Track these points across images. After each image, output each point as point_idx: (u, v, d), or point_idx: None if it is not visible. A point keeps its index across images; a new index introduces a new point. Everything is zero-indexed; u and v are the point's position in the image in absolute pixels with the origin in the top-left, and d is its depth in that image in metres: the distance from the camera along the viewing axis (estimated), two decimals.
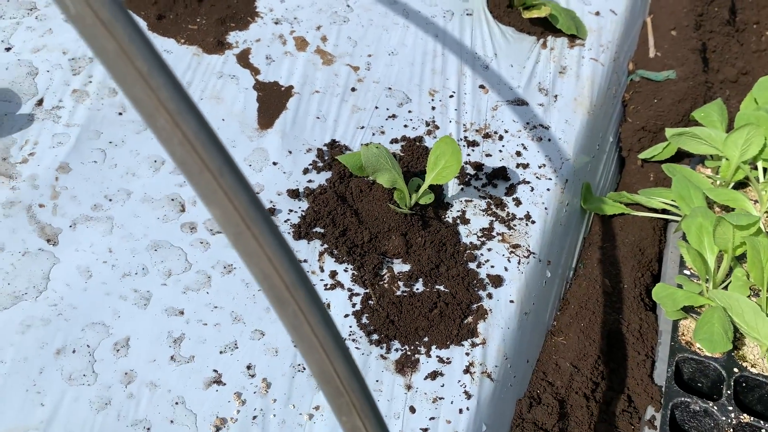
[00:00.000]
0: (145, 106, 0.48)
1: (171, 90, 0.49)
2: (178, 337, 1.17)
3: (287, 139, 1.50)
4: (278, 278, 0.55)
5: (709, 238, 1.37)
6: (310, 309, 0.56)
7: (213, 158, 0.50)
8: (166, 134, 0.49)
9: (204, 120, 0.51)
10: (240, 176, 0.52)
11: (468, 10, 1.87)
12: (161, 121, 0.49)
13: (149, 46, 0.48)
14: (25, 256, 1.21)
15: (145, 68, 0.48)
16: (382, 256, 1.34)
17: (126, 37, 0.47)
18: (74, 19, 0.47)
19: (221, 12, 1.70)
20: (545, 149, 1.60)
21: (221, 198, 0.52)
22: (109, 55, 0.47)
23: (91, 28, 0.47)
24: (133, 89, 0.48)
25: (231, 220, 0.53)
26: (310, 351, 0.58)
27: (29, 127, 1.39)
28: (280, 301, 0.56)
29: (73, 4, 0.47)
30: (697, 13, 2.30)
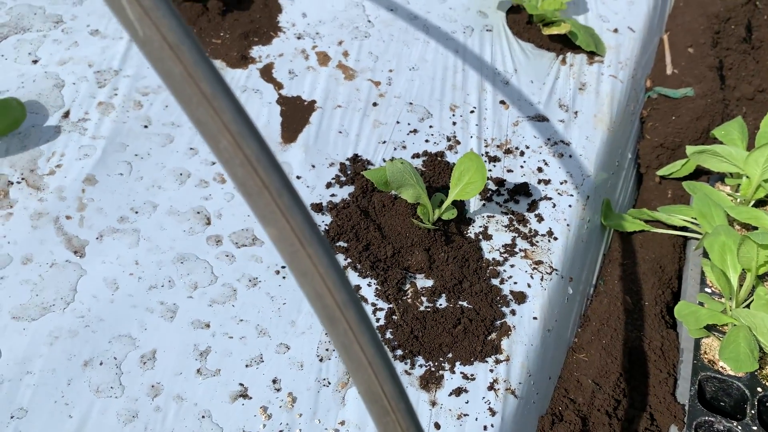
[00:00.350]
0: (209, 128, 0.49)
1: (234, 113, 0.49)
2: (204, 350, 1.17)
3: (310, 153, 1.51)
4: (330, 298, 0.55)
5: (732, 256, 1.37)
6: (360, 329, 0.56)
7: (272, 180, 0.51)
8: (228, 155, 0.50)
9: (264, 143, 0.51)
10: (297, 197, 0.53)
11: (488, 26, 1.88)
12: (224, 142, 0.50)
13: (214, 70, 0.49)
14: (53, 267, 1.22)
15: (209, 91, 0.48)
16: (405, 271, 1.35)
17: (192, 60, 0.48)
18: (142, 42, 0.48)
19: (244, 27, 1.71)
20: (566, 165, 1.60)
21: (279, 218, 0.52)
22: (176, 78, 0.48)
23: (159, 51, 0.48)
24: (197, 111, 0.49)
25: (287, 240, 0.53)
26: (358, 370, 0.58)
27: (56, 139, 1.41)
28: (332, 320, 0.56)
29: (141, 28, 0.48)
30: (714, 30, 2.31)
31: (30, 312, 1.16)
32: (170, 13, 0.48)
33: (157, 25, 0.47)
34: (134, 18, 0.47)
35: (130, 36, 0.48)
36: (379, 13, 1.86)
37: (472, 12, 1.91)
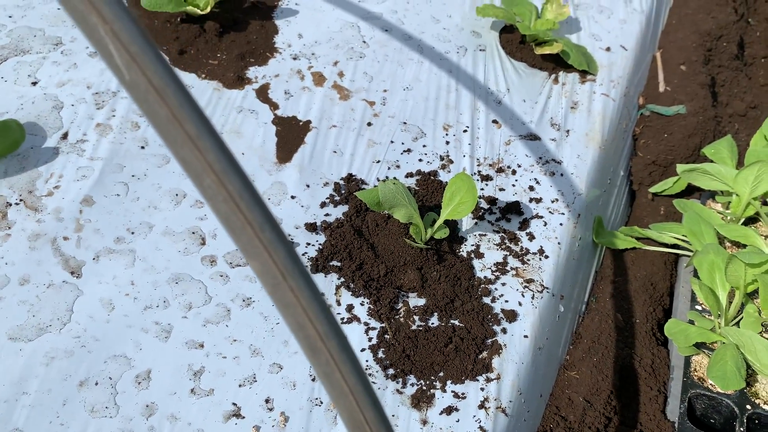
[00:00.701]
0: (193, 167, 0.51)
1: (218, 152, 0.52)
2: (198, 370, 1.19)
3: (305, 173, 1.53)
4: (312, 329, 0.57)
5: (721, 274, 1.39)
6: (341, 358, 0.58)
7: (255, 215, 0.53)
8: (212, 192, 0.52)
9: (247, 180, 0.53)
10: (279, 232, 0.55)
11: (481, 45, 1.91)
12: (208, 180, 0.52)
13: (198, 111, 0.51)
14: (50, 288, 1.24)
15: (194, 132, 0.51)
16: (397, 290, 1.37)
17: (177, 102, 0.50)
18: (129, 85, 0.50)
19: (241, 47, 1.74)
20: (558, 184, 1.62)
21: (261, 252, 0.54)
22: (161, 119, 0.50)
23: (145, 94, 0.50)
24: (183, 151, 0.51)
25: (269, 273, 0.55)
26: (340, 398, 0.60)
27: (54, 161, 1.43)
28: (314, 350, 0.58)
29: (128, 72, 0.50)
30: (706, 48, 2.34)
31: (27, 333, 1.17)
32: (156, 59, 0.50)
33: (143, 70, 0.49)
34: (121, 63, 0.49)
35: (118, 80, 0.50)
36: (374, 34, 1.88)
37: (466, 32, 1.94)
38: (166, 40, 1.72)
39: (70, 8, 0.48)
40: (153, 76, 0.50)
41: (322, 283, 1.34)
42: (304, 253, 1.38)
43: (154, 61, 0.50)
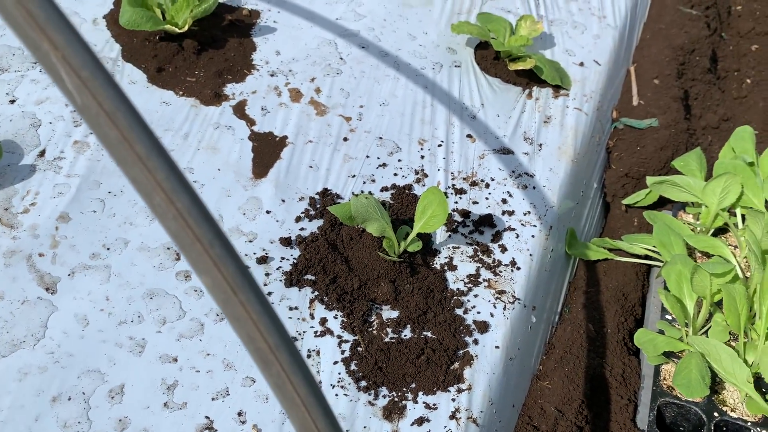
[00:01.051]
0: (143, 186, 0.53)
1: (167, 171, 0.54)
2: (171, 384, 1.20)
3: (281, 188, 1.55)
4: (263, 341, 0.59)
5: (688, 285, 1.41)
6: (292, 369, 0.60)
7: (204, 231, 0.55)
8: (162, 210, 0.54)
9: (196, 196, 0.56)
10: (229, 247, 0.57)
11: (456, 62, 1.95)
12: (157, 199, 0.54)
13: (148, 131, 0.53)
14: (24, 304, 1.25)
15: (143, 152, 0.53)
16: (371, 302, 1.39)
17: (127, 125, 0.52)
18: (80, 109, 0.52)
19: (219, 65, 1.76)
20: (530, 197, 1.65)
21: (211, 268, 0.56)
22: (112, 141, 0.52)
23: (96, 118, 0.52)
24: (133, 171, 0.53)
25: (220, 288, 0.57)
26: (292, 408, 0.62)
27: (31, 178, 1.44)
28: (265, 362, 0.60)
29: (79, 96, 0.52)
30: (679, 62, 2.38)
31: (0, 349, 1.18)
32: (106, 83, 0.52)
33: (94, 94, 0.51)
34: (72, 88, 0.51)
35: (71, 103, 0.52)
36: (351, 51, 1.92)
37: (442, 49, 1.98)
38: (145, 58, 1.74)
39: (23, 36, 0.50)
40: (103, 100, 0.52)
41: (296, 297, 1.36)
42: (278, 267, 1.40)
43: (105, 85, 0.52)
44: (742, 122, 2.40)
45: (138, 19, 1.69)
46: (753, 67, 2.65)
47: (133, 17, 1.69)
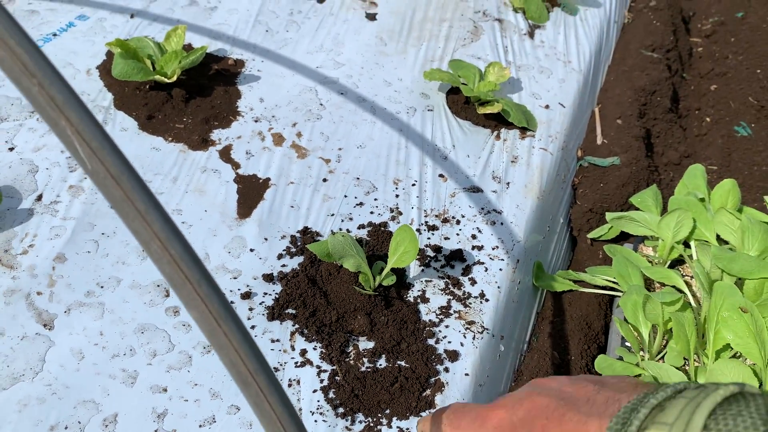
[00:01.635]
0: (143, 236, 0.64)
1: (162, 223, 0.64)
2: (161, 413, 1.29)
3: (264, 227, 1.66)
4: (243, 366, 0.69)
5: (643, 313, 1.52)
6: (269, 390, 0.70)
7: (193, 273, 0.66)
8: (158, 256, 0.65)
9: (187, 244, 0.66)
10: (214, 286, 0.67)
11: (429, 106, 2.08)
12: (154, 246, 0.64)
13: (147, 191, 0.64)
14: (24, 340, 1.34)
15: (143, 208, 0.64)
16: (348, 334, 1.48)
17: (130, 186, 0.63)
18: (91, 173, 0.63)
19: (206, 112, 1.88)
20: (498, 232, 1.77)
21: (199, 303, 0.67)
22: (117, 199, 0.63)
23: (104, 180, 0.63)
24: (134, 224, 0.64)
25: (206, 320, 0.67)
26: (269, 424, 0.72)
27: (29, 221, 1.54)
28: (246, 384, 0.70)
29: (90, 162, 0.63)
30: (641, 102, 2.54)
31: (1, 382, 1.27)
32: (113, 151, 0.63)
33: (102, 161, 0.62)
34: (84, 156, 0.62)
35: (82, 168, 0.63)
36: (330, 97, 2.04)
37: (416, 94, 2.11)
38: (136, 106, 1.86)
39: (45, 115, 0.61)
40: (110, 165, 0.63)
41: (278, 330, 1.46)
42: (261, 302, 1.50)
43: (111, 153, 0.63)
44: (702, 158, 2.55)
45: (129, 70, 1.81)
46: (712, 106, 2.81)
47: (125, 68, 1.81)
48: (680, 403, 0.61)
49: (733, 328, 1.40)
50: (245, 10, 2.28)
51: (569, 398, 0.76)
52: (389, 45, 2.28)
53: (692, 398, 0.61)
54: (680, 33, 3.10)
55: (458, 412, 0.96)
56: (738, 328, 1.40)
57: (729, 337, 1.40)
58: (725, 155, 2.57)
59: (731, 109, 2.76)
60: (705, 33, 3.21)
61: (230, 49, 2.12)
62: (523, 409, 0.80)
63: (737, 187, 1.80)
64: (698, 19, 3.31)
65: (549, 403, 0.77)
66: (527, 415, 0.79)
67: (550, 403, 0.77)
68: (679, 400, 0.62)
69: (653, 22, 2.99)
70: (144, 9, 2.20)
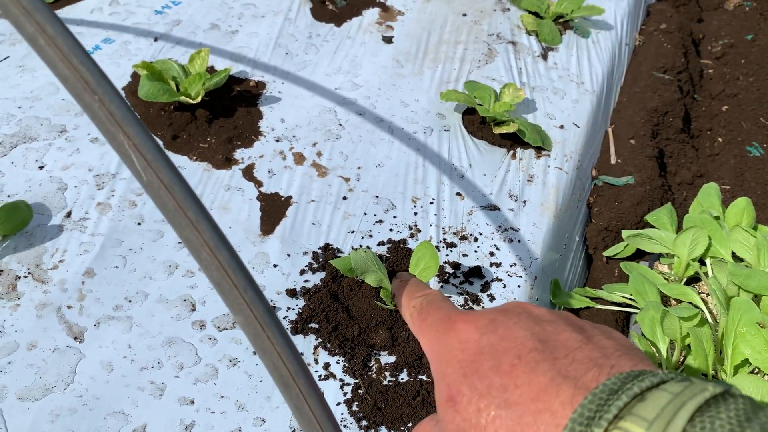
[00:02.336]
0: (193, 245, 0.68)
1: (211, 232, 0.68)
2: (189, 424, 1.31)
3: (286, 243, 1.69)
4: (285, 369, 0.72)
5: (660, 329, 1.54)
6: (309, 392, 0.73)
7: (239, 279, 0.69)
8: (207, 263, 0.68)
9: (234, 252, 0.70)
10: (259, 292, 0.71)
11: (445, 126, 2.12)
12: (204, 254, 0.68)
13: (197, 200, 0.68)
14: (55, 352, 1.37)
15: (194, 217, 0.67)
16: (370, 348, 1.51)
17: (182, 196, 0.67)
18: (146, 184, 0.67)
19: (229, 132, 1.93)
20: (515, 249, 1.80)
21: (245, 308, 0.70)
22: (169, 209, 0.67)
23: (158, 190, 0.67)
24: (185, 232, 0.67)
25: (251, 325, 0.71)
26: (308, 426, 0.74)
27: (59, 237, 1.58)
28: (286, 387, 0.73)
29: (145, 174, 0.67)
30: (654, 123, 2.57)
31: (34, 393, 1.30)
32: (166, 163, 0.67)
33: (156, 172, 0.66)
34: (140, 168, 0.66)
35: (137, 180, 0.67)
36: (349, 117, 2.09)
37: (432, 114, 2.15)
38: (161, 127, 1.91)
39: (104, 130, 0.65)
40: (163, 176, 0.67)
41: (302, 344, 1.48)
42: (285, 317, 1.53)
43: (165, 165, 0.67)
44: (715, 178, 2.57)
45: (155, 92, 1.86)
46: (724, 126, 2.84)
47: (150, 90, 1.86)
48: (663, 397, 0.55)
49: (751, 343, 1.42)
50: (265, 33, 2.34)
51: (548, 342, 0.64)
52: (406, 67, 2.33)
53: (676, 395, 0.55)
54: (691, 55, 3.14)
55: (432, 303, 0.84)
56: (756, 343, 1.41)
57: (747, 352, 1.42)
58: (738, 175, 2.59)
59: (743, 130, 2.79)
60: (715, 55, 3.25)
61: (251, 71, 2.18)
62: (496, 335, 0.68)
63: (752, 205, 1.82)
64: (708, 42, 3.36)
65: (525, 340, 0.65)
66: (499, 343, 0.66)
67: (526, 341, 0.65)
68: (662, 393, 0.56)
69: (664, 44, 3.04)
70: (167, 32, 2.26)
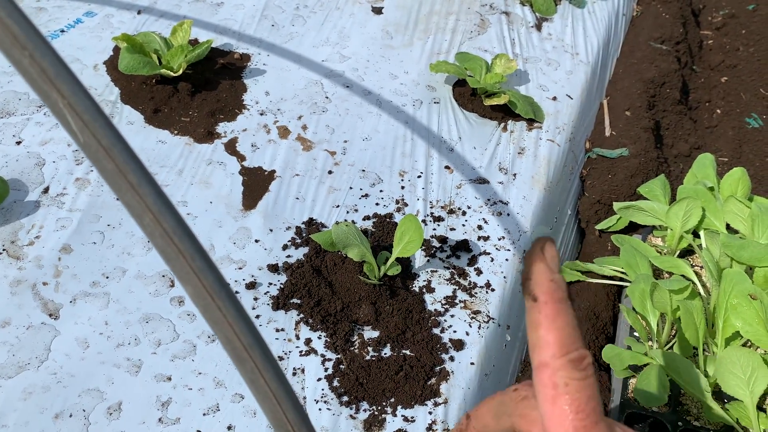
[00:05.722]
0: (135, 209, 0.64)
1: (154, 196, 0.64)
2: (165, 401, 1.29)
3: (269, 218, 1.66)
4: (238, 341, 0.68)
5: (650, 302, 1.51)
6: (264, 366, 0.70)
7: (186, 246, 0.65)
8: (150, 229, 0.64)
9: (180, 217, 0.66)
10: (208, 260, 0.67)
11: (435, 98, 2.07)
12: (147, 219, 0.64)
13: (139, 163, 0.64)
14: (29, 329, 1.35)
15: (135, 181, 0.63)
16: (353, 323, 1.48)
17: (122, 159, 0.63)
18: (83, 146, 0.63)
19: (211, 105, 1.89)
20: (504, 223, 1.76)
21: (192, 278, 0.66)
22: (109, 172, 0.63)
23: (96, 153, 0.63)
24: (126, 197, 0.64)
25: (200, 295, 0.67)
26: (264, 401, 0.71)
27: (36, 213, 1.55)
28: (241, 360, 0.69)
29: (81, 135, 0.63)
30: (650, 94, 2.51)
31: (7, 371, 1.28)
32: (104, 124, 0.63)
33: (94, 133, 0.62)
34: (77, 129, 0.62)
35: (74, 141, 0.63)
36: (336, 90, 2.04)
37: (422, 87, 2.10)
38: (142, 100, 1.87)
39: (36, 88, 0.61)
40: (102, 137, 0.63)
41: (283, 319, 1.45)
42: (266, 292, 1.50)
43: (103, 126, 0.63)
44: (713, 150, 2.52)
45: (136, 65, 1.82)
46: (723, 98, 2.78)
47: (131, 63, 1.82)
48: None
49: (742, 316, 1.38)
50: (251, 5, 2.29)
51: None
52: (395, 38, 2.28)
53: None
54: (690, 25, 3.07)
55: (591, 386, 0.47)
56: (748, 315, 1.38)
57: (738, 324, 1.38)
58: (736, 147, 2.54)
59: (742, 101, 2.73)
60: (716, 25, 3.18)
61: (236, 44, 2.13)
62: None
63: (747, 175, 1.78)
64: (708, 12, 3.28)
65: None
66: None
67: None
68: None
69: (662, 14, 2.97)
70: (151, 5, 2.21)
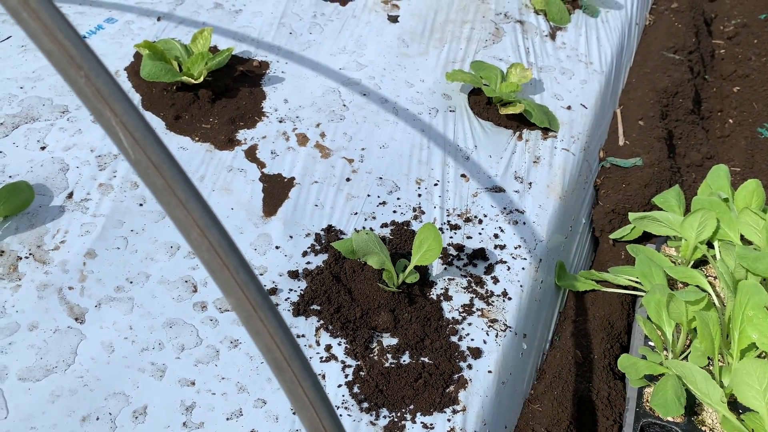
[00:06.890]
0: (183, 224, 0.66)
1: (202, 212, 0.66)
2: (189, 406, 1.31)
3: (289, 225, 1.68)
4: (278, 352, 0.71)
5: (666, 312, 1.52)
6: (302, 375, 0.72)
7: (231, 260, 0.68)
8: (197, 243, 0.67)
9: (225, 232, 0.68)
10: (251, 273, 0.69)
11: (451, 107, 2.09)
12: (194, 234, 0.66)
13: (187, 180, 0.66)
14: (56, 333, 1.37)
15: (183, 197, 0.66)
16: (372, 330, 1.50)
17: (170, 175, 0.65)
18: (134, 162, 0.65)
19: (231, 112, 1.91)
20: (520, 232, 1.77)
21: (236, 290, 0.68)
22: (158, 188, 0.65)
23: (146, 169, 0.65)
24: (175, 212, 0.66)
25: (243, 307, 0.69)
26: (302, 409, 0.73)
27: (61, 218, 1.58)
28: (280, 370, 0.72)
29: (133, 152, 0.65)
30: (663, 104, 2.53)
31: (35, 374, 1.30)
32: (154, 142, 0.65)
33: (145, 151, 0.65)
34: (128, 146, 0.64)
35: (125, 158, 0.65)
36: (353, 98, 2.06)
37: (437, 95, 2.13)
38: (164, 107, 1.89)
39: (90, 106, 0.63)
40: (152, 155, 0.65)
41: (303, 326, 1.48)
42: (287, 298, 1.52)
43: (153, 143, 0.65)
44: (725, 160, 2.53)
45: (158, 72, 1.85)
46: (735, 108, 2.79)
47: (153, 70, 1.84)
48: None
49: (758, 327, 1.39)
50: (269, 12, 2.31)
51: None
52: (411, 47, 2.30)
53: None
54: (702, 35, 3.08)
55: None
56: (763, 327, 1.39)
57: (754, 336, 1.40)
58: (748, 157, 2.55)
59: (754, 111, 2.74)
60: (727, 35, 3.19)
61: (255, 51, 2.16)
62: None
63: (761, 187, 1.79)
64: (720, 21, 3.29)
65: None
66: None
67: None
68: None
69: (675, 24, 2.98)
70: (170, 12, 2.24)
